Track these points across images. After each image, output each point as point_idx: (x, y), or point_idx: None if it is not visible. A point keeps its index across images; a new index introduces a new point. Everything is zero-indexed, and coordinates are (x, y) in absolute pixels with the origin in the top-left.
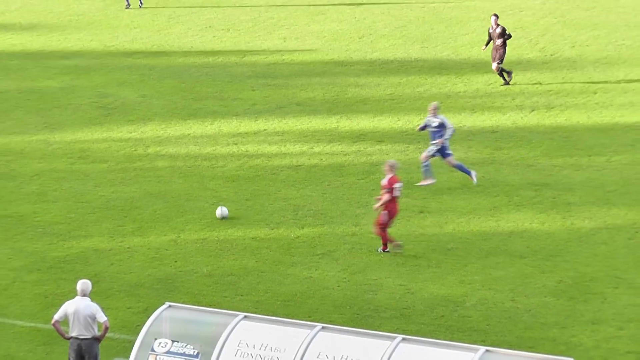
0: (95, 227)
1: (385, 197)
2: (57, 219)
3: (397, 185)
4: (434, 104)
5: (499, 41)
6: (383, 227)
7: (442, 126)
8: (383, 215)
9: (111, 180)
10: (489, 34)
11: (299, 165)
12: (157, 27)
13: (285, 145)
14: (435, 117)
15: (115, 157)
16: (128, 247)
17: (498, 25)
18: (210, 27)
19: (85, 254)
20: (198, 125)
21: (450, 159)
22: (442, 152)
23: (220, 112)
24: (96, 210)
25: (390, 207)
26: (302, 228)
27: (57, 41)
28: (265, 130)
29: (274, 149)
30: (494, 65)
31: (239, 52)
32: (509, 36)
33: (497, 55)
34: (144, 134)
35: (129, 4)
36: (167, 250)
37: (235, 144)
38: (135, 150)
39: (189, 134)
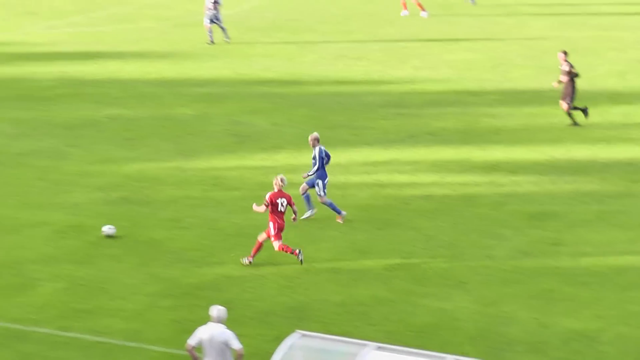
0: (228, 255)
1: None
2: (190, 246)
3: (280, 200)
4: (314, 134)
5: (565, 78)
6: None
7: (324, 158)
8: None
9: (244, 208)
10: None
11: (431, 195)
12: (290, 56)
13: (417, 175)
14: (314, 148)
15: (248, 185)
16: (260, 275)
17: (565, 61)
18: (342, 56)
19: (218, 281)
20: (330, 154)
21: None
22: (311, 184)
23: (352, 141)
24: (229, 237)
25: (273, 220)
26: (434, 258)
27: (191, 69)
28: (396, 159)
29: (405, 178)
30: (564, 105)
31: (371, 81)
32: (575, 74)
33: (566, 94)
34: (276, 162)
35: (212, 40)
36: (298, 278)
37: (367, 173)
38: (267, 178)
39: None
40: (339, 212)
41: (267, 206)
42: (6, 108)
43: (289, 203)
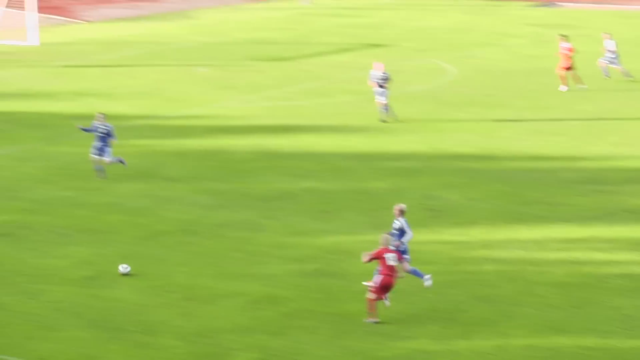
0: (422, 329)
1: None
2: (384, 319)
3: (388, 255)
4: (400, 206)
5: None
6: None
7: (402, 230)
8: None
9: (438, 283)
10: None
11: (630, 274)
12: (485, 131)
13: (614, 253)
14: (397, 220)
15: (442, 260)
16: (453, 350)
17: None
18: (538, 131)
19: (412, 355)
20: (525, 229)
21: (405, 264)
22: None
23: (548, 217)
24: (423, 312)
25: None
26: (634, 339)
27: (385, 143)
28: (593, 236)
29: (603, 256)
30: None
31: (567, 157)
32: None
33: None
34: (470, 237)
35: (386, 117)
36: (493, 354)
37: (563, 250)
38: (462, 253)
39: (515, 239)
40: (420, 276)
41: (370, 259)
42: (204, 179)
43: (399, 258)
